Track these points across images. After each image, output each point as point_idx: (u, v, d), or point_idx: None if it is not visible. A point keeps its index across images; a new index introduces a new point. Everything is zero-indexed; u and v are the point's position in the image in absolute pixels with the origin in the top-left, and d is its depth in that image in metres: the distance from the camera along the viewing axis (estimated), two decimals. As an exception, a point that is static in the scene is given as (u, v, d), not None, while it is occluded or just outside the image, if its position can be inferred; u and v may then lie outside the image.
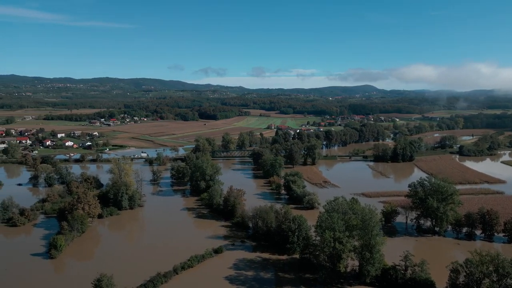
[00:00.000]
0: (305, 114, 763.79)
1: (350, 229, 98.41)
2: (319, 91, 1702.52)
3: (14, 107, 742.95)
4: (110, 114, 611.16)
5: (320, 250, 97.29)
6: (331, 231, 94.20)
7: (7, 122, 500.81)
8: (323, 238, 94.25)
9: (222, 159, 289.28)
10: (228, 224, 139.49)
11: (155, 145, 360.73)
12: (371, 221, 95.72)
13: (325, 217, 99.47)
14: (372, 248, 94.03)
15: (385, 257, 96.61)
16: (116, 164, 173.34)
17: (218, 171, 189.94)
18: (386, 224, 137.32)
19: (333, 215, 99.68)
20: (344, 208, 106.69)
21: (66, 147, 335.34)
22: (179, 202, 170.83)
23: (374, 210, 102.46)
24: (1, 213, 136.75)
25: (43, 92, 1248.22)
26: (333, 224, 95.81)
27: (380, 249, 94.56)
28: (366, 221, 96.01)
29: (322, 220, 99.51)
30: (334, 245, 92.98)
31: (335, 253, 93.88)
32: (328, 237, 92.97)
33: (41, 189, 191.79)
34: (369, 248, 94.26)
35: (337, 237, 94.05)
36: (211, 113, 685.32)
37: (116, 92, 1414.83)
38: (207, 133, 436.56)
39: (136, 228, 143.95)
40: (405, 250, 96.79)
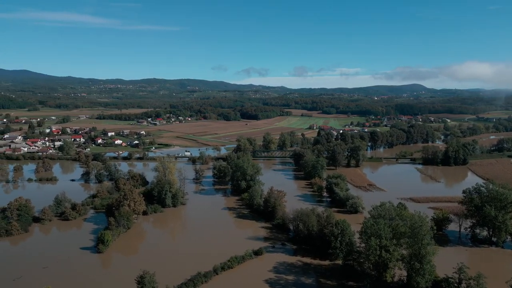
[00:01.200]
0: (349, 114, 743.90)
1: (398, 236, 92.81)
2: (364, 90, 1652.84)
3: (70, 107, 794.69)
4: (157, 113, 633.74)
5: (365, 257, 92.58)
6: (377, 238, 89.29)
7: (64, 121, 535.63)
8: (369, 245, 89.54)
9: (262, 159, 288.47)
10: (268, 225, 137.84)
11: (198, 144, 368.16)
12: (421, 229, 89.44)
13: (370, 223, 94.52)
14: (422, 258, 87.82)
15: (436, 268, 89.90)
16: (161, 163, 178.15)
17: (258, 171, 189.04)
18: (437, 232, 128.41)
19: (379, 221, 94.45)
20: (391, 214, 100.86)
21: (115, 145, 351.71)
22: (220, 201, 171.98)
23: (424, 218, 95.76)
24: (55, 207, 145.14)
25: (96, 93, 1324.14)
26: (380, 231, 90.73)
27: (431, 260, 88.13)
28: (416, 229, 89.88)
29: (367, 226, 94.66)
30: (380, 253, 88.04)
31: (381, 261, 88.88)
32: (374, 244, 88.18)
33: (92, 185, 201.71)
34: (419, 258, 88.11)
35: (384, 244, 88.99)
36: (252, 113, 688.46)
37: (162, 92, 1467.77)
38: (248, 133, 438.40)
39: (178, 226, 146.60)
40: (459, 261, 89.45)
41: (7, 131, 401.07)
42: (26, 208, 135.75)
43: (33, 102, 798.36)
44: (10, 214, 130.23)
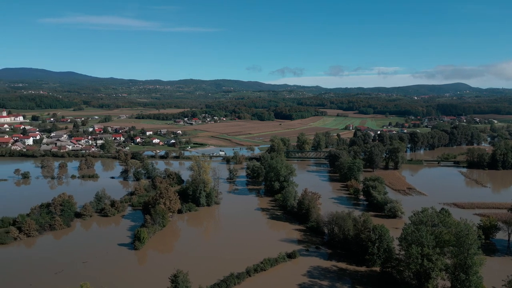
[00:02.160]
0: (387, 114, 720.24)
1: (441, 245, 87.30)
2: (403, 89, 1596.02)
3: (111, 106, 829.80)
4: (193, 113, 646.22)
5: (405, 266, 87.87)
6: (418, 246, 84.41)
7: (105, 121, 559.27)
8: (409, 253, 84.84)
9: (296, 159, 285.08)
10: (302, 227, 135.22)
11: (232, 144, 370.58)
12: (467, 237, 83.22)
13: (411, 230, 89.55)
14: (468, 268, 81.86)
15: (483, 280, 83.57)
16: (196, 162, 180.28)
17: (292, 172, 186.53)
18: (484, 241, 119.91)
19: (421, 228, 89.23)
20: (434, 221, 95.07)
21: (153, 144, 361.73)
22: (253, 202, 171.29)
23: (471, 226, 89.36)
24: (95, 203, 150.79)
25: (136, 93, 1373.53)
26: (421, 239, 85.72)
27: (478, 271, 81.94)
28: (462, 238, 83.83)
29: (407, 233, 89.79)
30: (421, 262, 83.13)
31: (423, 271, 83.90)
32: (415, 252, 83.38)
33: (130, 182, 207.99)
34: (465, 269, 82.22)
35: (426, 253, 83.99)
36: (286, 113, 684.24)
37: (198, 93, 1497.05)
38: (282, 133, 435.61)
39: (212, 225, 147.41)
40: (508, 273, 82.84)
41: (54, 130, 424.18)
42: (69, 203, 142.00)
43: (78, 102, 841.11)
44: (54, 209, 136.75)
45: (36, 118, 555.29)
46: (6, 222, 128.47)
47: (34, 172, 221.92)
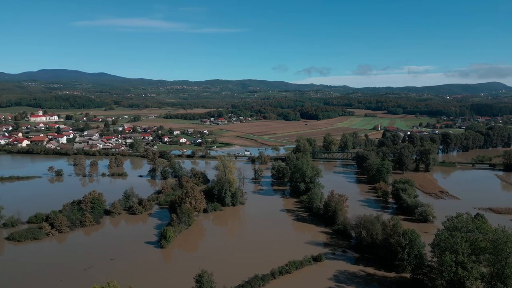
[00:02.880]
0: (417, 114, 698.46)
1: (477, 252, 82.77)
2: (434, 89, 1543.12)
3: (140, 106, 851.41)
4: (219, 113, 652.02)
5: (438, 273, 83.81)
6: (452, 253, 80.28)
7: (135, 120, 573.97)
8: (442, 260, 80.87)
9: (322, 160, 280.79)
10: (328, 230, 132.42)
11: (258, 144, 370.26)
12: (506, 245, 78.43)
13: (445, 236, 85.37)
14: (506, 278, 77.28)
15: (524, 292, 78.29)
16: (221, 161, 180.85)
17: (318, 173, 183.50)
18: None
19: (455, 234, 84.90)
20: (469, 227, 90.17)
21: (180, 143, 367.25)
22: (278, 203, 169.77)
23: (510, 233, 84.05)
24: (124, 201, 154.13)
25: (164, 94, 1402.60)
26: (455, 245, 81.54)
27: (518, 282, 76.93)
28: (500, 245, 79.06)
29: (441, 239, 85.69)
30: (456, 270, 79.02)
31: (457, 279, 79.70)
32: (449, 260, 79.36)
33: (158, 181, 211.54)
34: (502, 278, 77.66)
35: (460, 261, 79.76)
36: (313, 113, 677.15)
37: (225, 93, 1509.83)
38: (308, 133, 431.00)
39: (237, 225, 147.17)
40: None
41: (86, 129, 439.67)
42: (99, 201, 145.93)
43: (109, 102, 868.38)
44: (84, 206, 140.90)
45: (69, 117, 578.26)
46: (39, 218, 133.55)
47: (67, 169, 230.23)
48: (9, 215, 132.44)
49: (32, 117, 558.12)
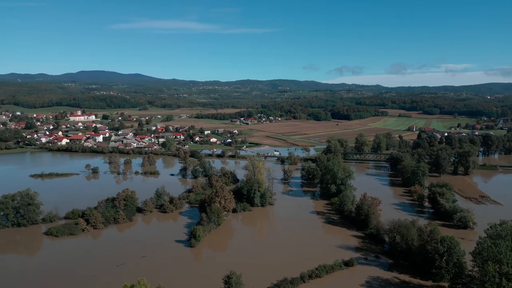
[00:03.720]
0: (455, 115, 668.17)
1: (524, 264, 76.59)
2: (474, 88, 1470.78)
3: (173, 106, 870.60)
4: (249, 113, 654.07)
5: (479, 284, 78.42)
6: (496, 264, 74.94)
7: (167, 120, 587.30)
8: (485, 270, 75.65)
9: (354, 161, 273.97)
10: (360, 234, 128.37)
11: (287, 144, 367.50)
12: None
13: (488, 245, 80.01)
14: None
15: None
16: (250, 161, 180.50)
17: (350, 175, 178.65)
18: None
19: (499, 242, 79.44)
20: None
21: (210, 143, 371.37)
22: (308, 204, 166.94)
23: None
24: (155, 199, 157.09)
25: (196, 94, 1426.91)
26: (500, 255, 76.18)
27: None
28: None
29: (483, 247, 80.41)
30: (500, 282, 73.62)
31: (501, 292, 74.21)
32: (492, 270, 74.14)
33: (188, 180, 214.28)
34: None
35: (505, 271, 74.31)
36: (344, 113, 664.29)
37: (255, 93, 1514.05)
38: (339, 134, 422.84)
39: (266, 226, 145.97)
40: None
41: (121, 128, 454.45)
42: (132, 199, 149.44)
43: (143, 102, 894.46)
44: (118, 204, 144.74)
45: (106, 117, 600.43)
46: (76, 214, 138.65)
47: (103, 167, 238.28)
48: (48, 211, 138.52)
49: (71, 116, 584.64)
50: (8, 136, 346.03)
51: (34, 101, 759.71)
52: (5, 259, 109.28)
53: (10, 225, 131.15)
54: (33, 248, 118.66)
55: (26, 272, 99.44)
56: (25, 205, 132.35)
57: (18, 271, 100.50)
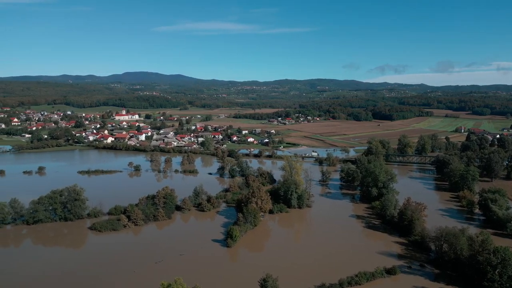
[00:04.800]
0: (508, 115, 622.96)
1: None
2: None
3: (212, 106, 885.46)
4: (286, 113, 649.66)
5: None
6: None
7: (206, 119, 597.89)
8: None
9: (397, 164, 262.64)
10: (403, 241, 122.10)
11: (326, 145, 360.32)
12: None
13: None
14: None
15: None
16: (288, 162, 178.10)
17: (392, 178, 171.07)
18: None
19: None
20: None
21: (248, 142, 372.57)
22: (347, 207, 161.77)
23: None
24: (194, 198, 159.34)
25: (235, 94, 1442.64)
26: None
27: None
28: None
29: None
30: None
31: None
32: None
33: (226, 179, 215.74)
34: None
35: None
36: (386, 113, 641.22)
37: (293, 93, 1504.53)
38: (381, 135, 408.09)
39: (303, 228, 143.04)
40: None
41: (163, 127, 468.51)
42: (171, 197, 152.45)
43: (184, 102, 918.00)
44: (158, 201, 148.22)
45: (148, 116, 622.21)
46: (118, 210, 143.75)
47: (144, 165, 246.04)
48: (93, 206, 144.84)
49: (117, 116, 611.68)
50: (59, 134, 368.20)
51: (83, 101, 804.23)
52: (53, 251, 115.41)
53: (58, 219, 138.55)
54: (78, 242, 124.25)
55: (72, 264, 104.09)
56: (72, 200, 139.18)
57: (65, 262, 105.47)
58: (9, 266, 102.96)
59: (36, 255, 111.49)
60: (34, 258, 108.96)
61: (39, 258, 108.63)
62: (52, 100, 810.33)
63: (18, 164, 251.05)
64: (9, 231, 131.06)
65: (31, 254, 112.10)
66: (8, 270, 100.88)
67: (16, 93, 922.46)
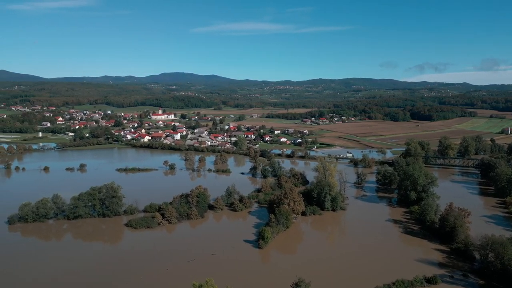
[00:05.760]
0: None
1: None
2: None
3: (245, 106, 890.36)
4: (320, 113, 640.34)
5: None
6: None
7: (239, 119, 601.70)
8: None
9: (437, 167, 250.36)
10: (444, 248, 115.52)
11: (361, 146, 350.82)
12: None
13: None
14: None
15: None
16: (321, 163, 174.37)
17: (433, 182, 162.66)
18: None
19: None
20: None
21: (280, 142, 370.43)
22: (384, 211, 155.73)
23: None
24: (226, 197, 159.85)
25: (268, 94, 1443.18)
26: None
27: None
28: None
29: None
30: None
31: None
32: None
33: (258, 179, 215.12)
34: None
35: None
36: (425, 113, 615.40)
37: (327, 92, 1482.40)
38: (420, 136, 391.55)
39: (337, 232, 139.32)
40: None
41: (197, 127, 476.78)
42: (204, 196, 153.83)
43: (217, 102, 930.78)
44: (191, 200, 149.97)
45: (184, 116, 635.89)
46: (153, 208, 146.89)
47: (179, 164, 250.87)
48: (129, 203, 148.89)
49: (153, 115, 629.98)
50: (99, 133, 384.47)
51: (122, 101, 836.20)
52: (92, 246, 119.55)
53: (97, 215, 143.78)
54: (115, 237, 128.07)
55: (108, 259, 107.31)
56: (109, 197, 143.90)
57: (102, 257, 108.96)
58: (51, 259, 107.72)
59: (76, 249, 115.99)
60: (74, 252, 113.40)
61: (79, 252, 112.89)
62: (94, 100, 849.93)
63: (61, 161, 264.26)
64: (51, 225, 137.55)
65: (71, 248, 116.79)
66: (50, 262, 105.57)
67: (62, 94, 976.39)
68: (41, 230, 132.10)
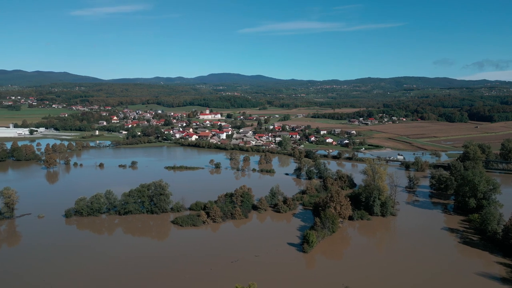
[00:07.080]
0: None
1: None
2: None
3: (290, 106, 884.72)
4: (369, 113, 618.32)
5: None
6: None
7: (284, 119, 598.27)
8: None
9: (499, 172, 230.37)
10: (508, 262, 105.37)
11: (413, 148, 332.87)
12: None
13: None
14: None
15: None
16: (370, 165, 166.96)
17: (495, 189, 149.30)
18: None
19: None
20: None
21: (326, 143, 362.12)
22: (438, 219, 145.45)
23: None
24: (270, 198, 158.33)
25: (313, 93, 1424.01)
26: None
27: None
28: None
29: None
30: None
31: None
32: None
33: (302, 180, 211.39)
34: None
35: None
36: (485, 113, 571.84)
37: (376, 91, 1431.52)
38: (479, 138, 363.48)
39: (387, 239, 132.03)
40: None
41: (242, 127, 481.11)
42: (248, 196, 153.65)
43: (263, 102, 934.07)
44: (235, 200, 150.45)
45: (229, 116, 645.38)
46: (199, 206, 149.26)
47: (224, 163, 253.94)
48: (176, 201, 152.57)
49: (201, 115, 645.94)
50: (150, 132, 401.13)
51: (172, 101, 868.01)
52: (141, 240, 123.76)
53: (145, 212, 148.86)
54: (162, 234, 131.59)
55: (155, 255, 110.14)
56: (157, 194, 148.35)
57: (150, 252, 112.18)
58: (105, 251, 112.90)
59: (126, 243, 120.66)
60: (125, 245, 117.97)
61: (129, 246, 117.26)
62: (146, 100, 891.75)
63: (115, 158, 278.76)
64: (104, 220, 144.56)
65: (122, 241, 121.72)
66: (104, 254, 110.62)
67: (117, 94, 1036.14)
68: (94, 224, 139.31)
